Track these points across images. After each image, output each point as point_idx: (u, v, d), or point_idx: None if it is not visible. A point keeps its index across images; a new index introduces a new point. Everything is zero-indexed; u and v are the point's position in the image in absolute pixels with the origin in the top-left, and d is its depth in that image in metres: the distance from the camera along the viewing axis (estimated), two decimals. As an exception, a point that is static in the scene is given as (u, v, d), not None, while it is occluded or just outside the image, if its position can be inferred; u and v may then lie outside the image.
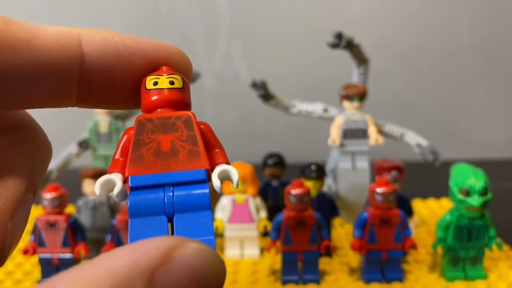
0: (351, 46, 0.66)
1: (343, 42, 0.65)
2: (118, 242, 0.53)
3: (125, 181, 0.18)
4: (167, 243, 0.14)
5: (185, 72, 0.21)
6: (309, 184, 0.58)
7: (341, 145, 0.68)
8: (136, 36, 0.20)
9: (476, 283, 0.52)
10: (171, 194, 0.18)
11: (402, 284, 0.52)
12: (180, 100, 0.20)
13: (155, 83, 0.20)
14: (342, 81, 0.70)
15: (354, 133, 0.68)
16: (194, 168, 0.18)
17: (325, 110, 0.71)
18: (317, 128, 0.76)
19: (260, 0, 1.04)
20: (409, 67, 1.07)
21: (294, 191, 0.51)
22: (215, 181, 0.18)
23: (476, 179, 0.50)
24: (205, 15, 1.04)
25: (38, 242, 0.51)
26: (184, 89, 0.20)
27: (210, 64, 1.06)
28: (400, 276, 0.53)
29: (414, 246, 0.52)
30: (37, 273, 0.55)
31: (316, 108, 0.71)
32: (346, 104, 0.68)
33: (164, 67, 0.20)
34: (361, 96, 0.67)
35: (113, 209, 0.61)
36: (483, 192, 0.49)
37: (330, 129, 0.69)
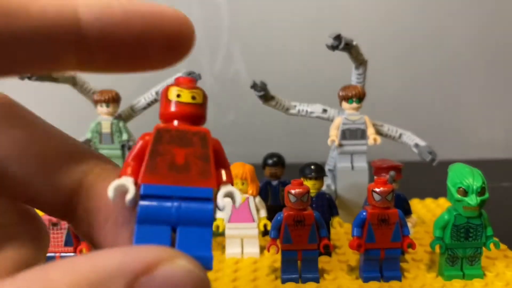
0: (350, 48, 0.66)
1: (342, 44, 0.65)
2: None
3: (135, 184, 0.19)
4: (157, 253, 0.15)
5: (185, 39, 0.20)
6: (309, 183, 0.59)
7: (340, 145, 0.69)
8: (137, 1, 0.19)
9: (474, 282, 0.53)
10: (179, 207, 0.19)
11: (400, 282, 0.53)
12: (198, 115, 0.21)
13: (178, 95, 0.21)
14: (341, 82, 0.71)
15: (353, 133, 0.68)
16: (203, 186, 0.19)
17: (324, 111, 0.71)
18: (317, 129, 0.76)
19: (260, 1, 1.04)
20: (408, 68, 1.07)
21: (294, 191, 0.51)
22: (220, 201, 0.20)
23: (473, 179, 0.50)
24: (205, 16, 1.05)
25: (41, 241, 0.52)
26: (203, 104, 0.21)
27: (210, 65, 1.06)
28: (398, 274, 0.53)
29: (412, 245, 0.52)
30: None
31: (315, 108, 0.72)
32: (345, 105, 0.68)
33: (185, 79, 0.21)
34: (360, 97, 0.68)
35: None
36: (481, 191, 0.50)
37: (329, 129, 0.69)
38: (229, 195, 0.20)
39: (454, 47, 1.07)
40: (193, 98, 0.21)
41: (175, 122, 0.21)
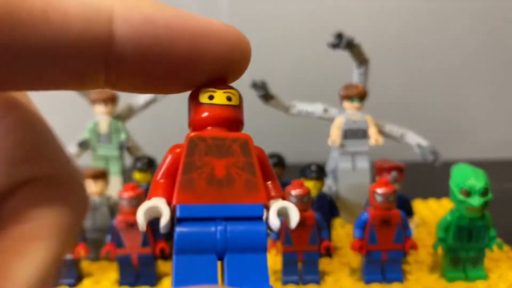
0: (351, 46, 0.66)
1: (343, 43, 0.65)
2: (118, 243, 0.53)
3: (168, 204, 0.16)
4: None
5: (239, 61, 0.18)
6: (309, 184, 0.58)
7: (341, 146, 0.68)
8: (185, 12, 0.16)
9: (477, 283, 0.52)
10: (224, 230, 0.16)
11: (402, 284, 0.52)
12: (236, 119, 0.18)
13: (211, 97, 0.17)
14: (342, 81, 0.70)
15: (354, 133, 0.68)
16: (251, 202, 0.16)
17: (325, 111, 0.71)
18: (317, 129, 0.76)
19: (260, 1, 1.04)
20: (410, 67, 1.07)
21: (294, 192, 0.51)
22: (274, 220, 0.17)
23: (476, 180, 0.50)
24: (205, 15, 1.04)
25: (38, 242, 0.51)
26: (240, 106, 0.18)
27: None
28: (400, 276, 0.53)
29: (414, 247, 0.52)
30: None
31: (316, 108, 0.71)
32: (346, 104, 0.68)
33: (218, 80, 0.18)
34: (361, 96, 0.67)
35: (113, 210, 0.61)
36: (484, 192, 0.49)
37: (330, 129, 0.69)
38: (283, 212, 0.17)
39: (457, 46, 1.06)
40: (229, 99, 0.18)
41: (209, 129, 0.18)
